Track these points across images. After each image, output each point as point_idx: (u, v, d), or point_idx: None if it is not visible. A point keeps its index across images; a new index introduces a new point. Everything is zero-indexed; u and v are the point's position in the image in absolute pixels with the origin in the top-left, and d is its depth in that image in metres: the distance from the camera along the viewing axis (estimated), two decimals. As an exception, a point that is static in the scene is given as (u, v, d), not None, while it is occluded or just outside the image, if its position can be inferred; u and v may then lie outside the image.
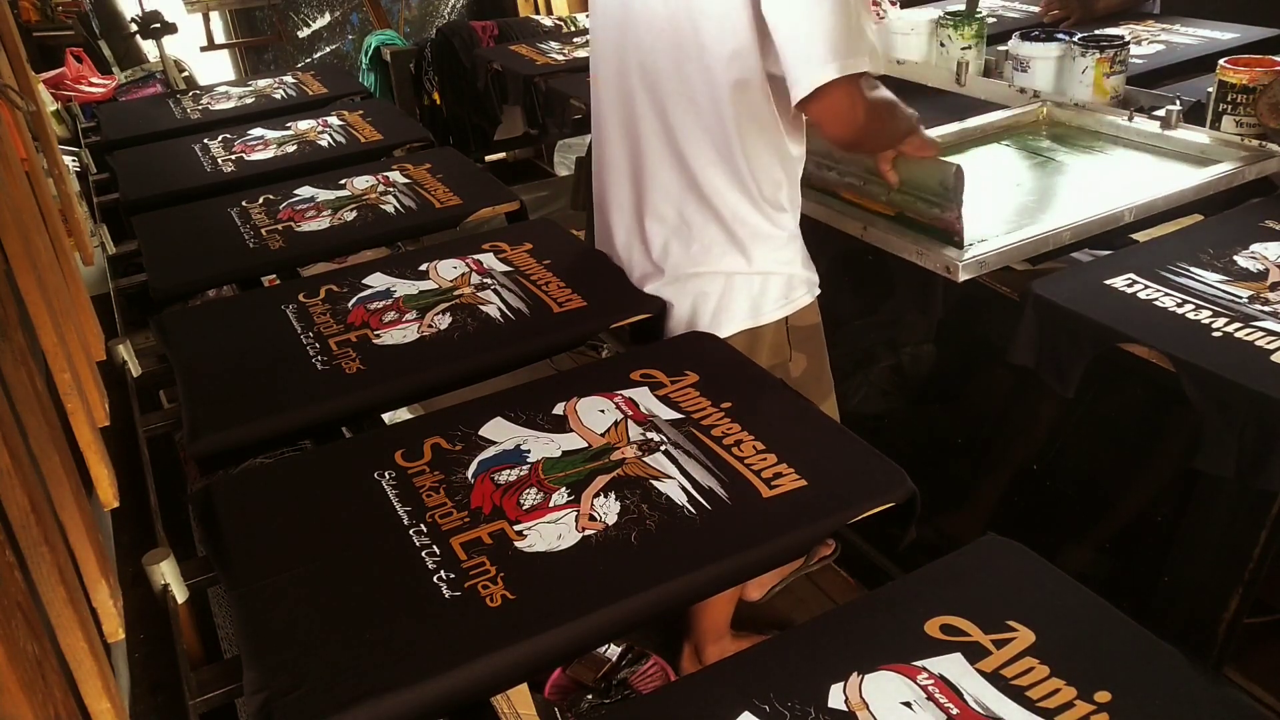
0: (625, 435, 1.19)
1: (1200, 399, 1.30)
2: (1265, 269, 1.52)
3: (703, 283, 1.54)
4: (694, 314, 1.55)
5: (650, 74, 1.48)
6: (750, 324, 1.54)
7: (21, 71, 1.99)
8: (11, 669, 0.65)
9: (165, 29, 3.71)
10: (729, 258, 1.52)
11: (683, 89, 1.45)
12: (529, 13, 4.60)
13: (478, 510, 1.08)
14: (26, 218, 1.31)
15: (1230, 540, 1.45)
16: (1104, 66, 2.08)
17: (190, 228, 1.88)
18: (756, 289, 1.54)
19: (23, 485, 0.83)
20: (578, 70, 2.91)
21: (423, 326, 1.46)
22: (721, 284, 1.53)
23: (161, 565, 1.02)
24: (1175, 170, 1.87)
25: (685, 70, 1.43)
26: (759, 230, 1.51)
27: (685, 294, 1.55)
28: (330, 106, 2.64)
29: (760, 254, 1.52)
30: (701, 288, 1.54)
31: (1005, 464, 1.91)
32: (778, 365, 1.57)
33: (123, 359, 1.48)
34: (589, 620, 0.94)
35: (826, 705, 0.86)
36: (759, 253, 1.52)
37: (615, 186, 1.62)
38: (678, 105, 1.47)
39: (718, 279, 1.53)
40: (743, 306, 1.54)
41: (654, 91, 1.49)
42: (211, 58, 5.02)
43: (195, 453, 1.23)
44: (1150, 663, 0.89)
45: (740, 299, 1.53)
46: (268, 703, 0.85)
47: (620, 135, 1.57)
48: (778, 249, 1.54)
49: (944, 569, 1.02)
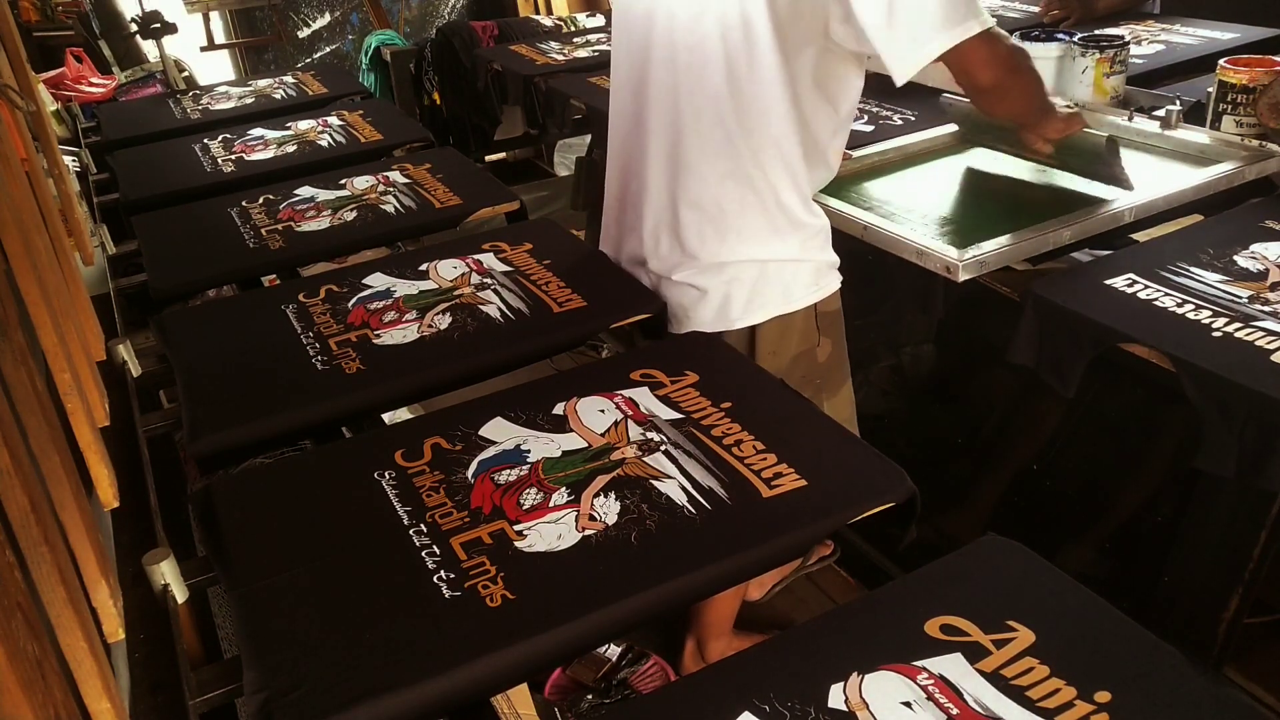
0: (625, 435, 1.19)
1: (1200, 399, 1.30)
2: (1265, 269, 1.52)
3: (739, 269, 1.55)
4: (726, 301, 1.56)
5: (697, 59, 1.48)
6: (783, 310, 1.56)
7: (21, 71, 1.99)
8: (11, 669, 0.65)
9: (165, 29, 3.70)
10: (767, 245, 1.53)
11: (731, 75, 1.45)
12: (529, 13, 4.61)
13: (478, 510, 1.08)
14: (26, 218, 1.30)
15: (1230, 540, 1.45)
16: (1104, 66, 2.08)
17: (190, 228, 1.88)
18: (789, 275, 1.55)
19: (23, 485, 0.83)
20: (578, 70, 2.91)
21: (423, 326, 1.46)
22: (756, 271, 1.54)
23: (161, 565, 1.02)
24: (1175, 170, 1.87)
25: (733, 55, 1.44)
26: (798, 218, 1.53)
27: (719, 281, 1.56)
28: (330, 106, 2.64)
29: (797, 241, 1.54)
30: (736, 274, 1.55)
31: (1005, 464, 1.91)
32: (806, 351, 1.59)
33: (123, 359, 1.48)
34: (589, 620, 0.94)
35: (826, 705, 0.86)
36: (796, 240, 1.54)
37: (649, 174, 1.60)
38: (725, 91, 1.46)
39: (753, 266, 1.54)
40: (776, 292, 1.55)
41: (700, 79, 1.48)
42: (211, 58, 5.02)
43: (195, 453, 1.23)
44: (1150, 663, 0.89)
45: (774, 285, 1.55)
46: (268, 703, 0.85)
47: (660, 124, 1.56)
48: (813, 235, 1.55)
49: (944, 569, 1.02)
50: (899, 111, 2.24)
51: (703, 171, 1.53)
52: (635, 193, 1.64)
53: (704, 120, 1.50)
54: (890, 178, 1.97)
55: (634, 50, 1.57)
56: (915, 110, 2.21)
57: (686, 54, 1.49)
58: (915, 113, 2.21)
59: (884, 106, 2.27)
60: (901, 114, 2.23)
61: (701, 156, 1.52)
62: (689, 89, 1.50)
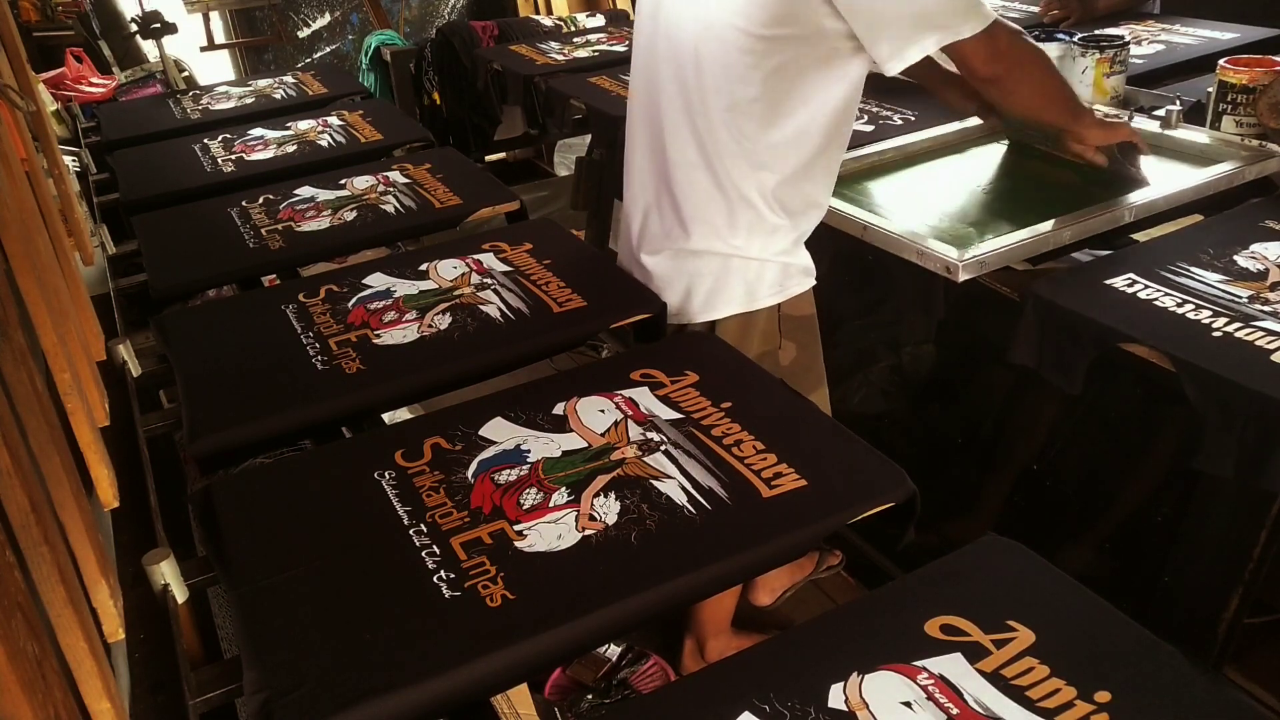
0: (625, 435, 1.19)
1: (1200, 399, 1.30)
2: (1265, 269, 1.52)
3: (701, 262, 1.56)
4: (688, 293, 1.57)
5: (676, 48, 1.49)
6: (744, 308, 1.56)
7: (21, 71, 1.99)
8: (11, 669, 0.65)
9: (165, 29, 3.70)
10: (730, 239, 1.53)
11: (703, 66, 1.46)
12: (529, 13, 4.60)
13: (478, 510, 1.08)
14: (26, 218, 1.30)
15: (1230, 540, 1.45)
16: (1104, 66, 2.08)
17: (190, 228, 1.88)
18: (753, 274, 1.55)
19: (23, 485, 0.83)
20: (578, 70, 2.91)
21: (423, 326, 1.46)
22: (719, 265, 1.55)
23: (161, 565, 1.02)
24: (1175, 170, 1.87)
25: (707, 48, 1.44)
26: (763, 217, 1.52)
27: (682, 272, 1.57)
28: (330, 106, 2.64)
29: (761, 240, 1.53)
30: (699, 267, 1.56)
31: (1005, 464, 1.91)
32: (767, 352, 1.59)
33: (123, 359, 1.48)
34: (589, 620, 0.94)
35: (826, 705, 0.86)
36: (760, 239, 1.53)
37: (637, 159, 1.64)
38: (698, 81, 1.47)
39: (716, 259, 1.55)
40: (738, 290, 1.56)
41: (677, 66, 1.50)
42: (211, 58, 5.02)
43: (195, 453, 1.23)
44: (1150, 663, 0.89)
45: (736, 282, 1.55)
46: (268, 703, 0.85)
47: (642, 112, 1.60)
48: (779, 239, 1.55)
49: (944, 569, 1.02)
50: (899, 111, 2.24)
51: (680, 160, 1.54)
52: (632, 176, 1.66)
53: (680, 112, 1.52)
54: (890, 178, 1.98)
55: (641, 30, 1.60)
56: (915, 110, 2.22)
57: (666, 42, 1.51)
58: (915, 113, 2.21)
59: (884, 106, 2.27)
60: (901, 114, 2.23)
61: (674, 144, 1.54)
62: (669, 76, 1.52)
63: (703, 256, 1.55)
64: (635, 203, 1.66)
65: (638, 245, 1.64)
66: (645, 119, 1.61)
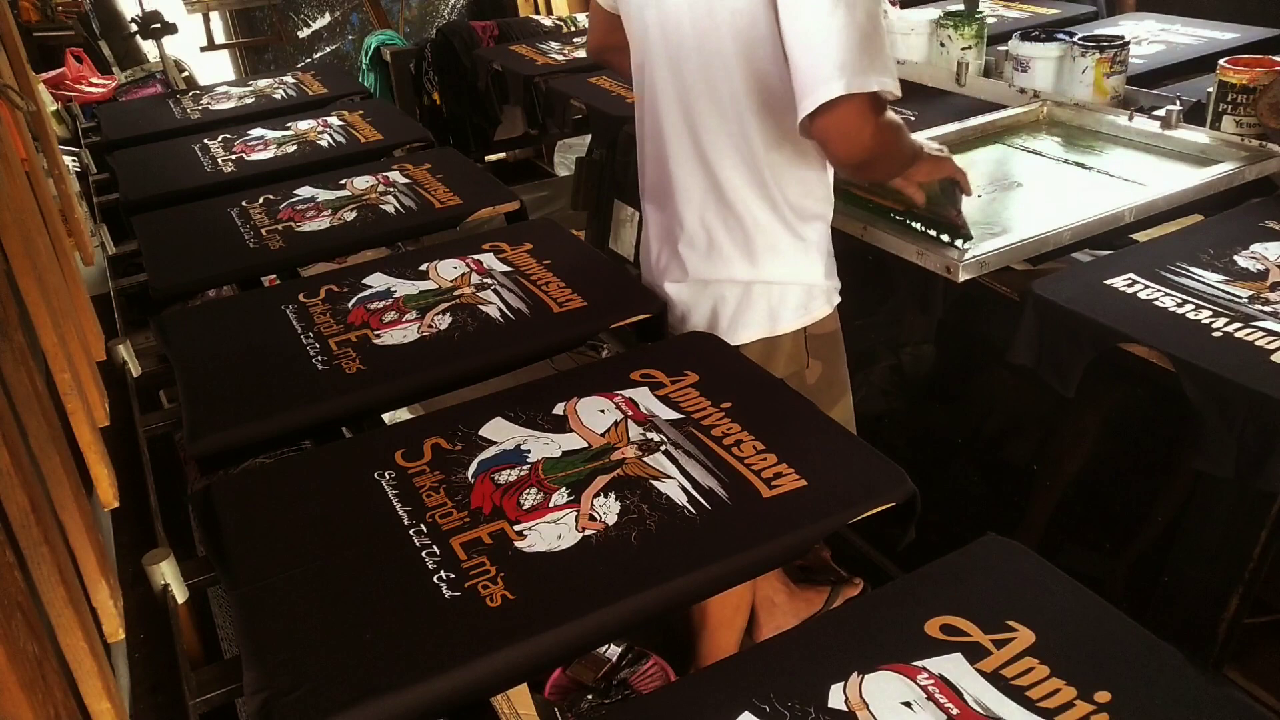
0: (625, 435, 1.19)
1: (1200, 399, 1.30)
2: (1265, 269, 1.52)
3: (722, 289, 1.54)
4: (713, 318, 1.55)
5: (678, 71, 1.46)
6: (767, 333, 1.54)
7: (21, 71, 1.99)
8: (11, 669, 0.65)
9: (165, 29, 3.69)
10: (747, 267, 1.51)
11: (708, 89, 1.44)
12: (529, 13, 4.60)
13: (478, 510, 1.08)
14: (26, 218, 1.30)
15: (1230, 540, 1.45)
16: (1104, 66, 2.08)
17: (190, 228, 1.88)
18: (775, 298, 1.53)
19: (23, 485, 0.83)
20: (578, 70, 2.91)
21: (423, 326, 1.46)
22: (740, 292, 1.53)
23: (161, 565, 1.02)
24: (1175, 170, 1.87)
25: (711, 70, 1.42)
26: (779, 241, 1.50)
27: (705, 297, 1.55)
28: (330, 106, 2.64)
29: (778, 264, 1.51)
30: (721, 293, 1.54)
31: (1005, 464, 1.91)
32: (794, 374, 1.56)
33: (123, 359, 1.48)
34: (589, 620, 0.94)
35: (826, 705, 0.86)
36: (777, 263, 1.51)
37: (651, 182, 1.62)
38: (702, 106, 1.45)
39: (736, 286, 1.53)
40: (760, 315, 1.53)
41: (681, 90, 1.47)
42: (211, 58, 5.01)
43: (195, 453, 1.23)
44: (1150, 663, 0.89)
45: (758, 307, 1.53)
46: (268, 703, 0.85)
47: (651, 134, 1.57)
48: (798, 258, 1.52)
49: (944, 569, 1.02)
50: (899, 111, 2.21)
51: (689, 187, 1.52)
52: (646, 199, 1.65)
53: (685, 138, 1.49)
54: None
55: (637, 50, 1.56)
56: (915, 110, 2.21)
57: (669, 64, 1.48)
58: (915, 113, 2.20)
59: (884, 106, 2.27)
60: (901, 114, 2.21)
61: (685, 172, 1.52)
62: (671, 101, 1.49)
63: (721, 284, 1.53)
64: (653, 233, 1.64)
65: (661, 274, 1.62)
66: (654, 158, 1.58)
